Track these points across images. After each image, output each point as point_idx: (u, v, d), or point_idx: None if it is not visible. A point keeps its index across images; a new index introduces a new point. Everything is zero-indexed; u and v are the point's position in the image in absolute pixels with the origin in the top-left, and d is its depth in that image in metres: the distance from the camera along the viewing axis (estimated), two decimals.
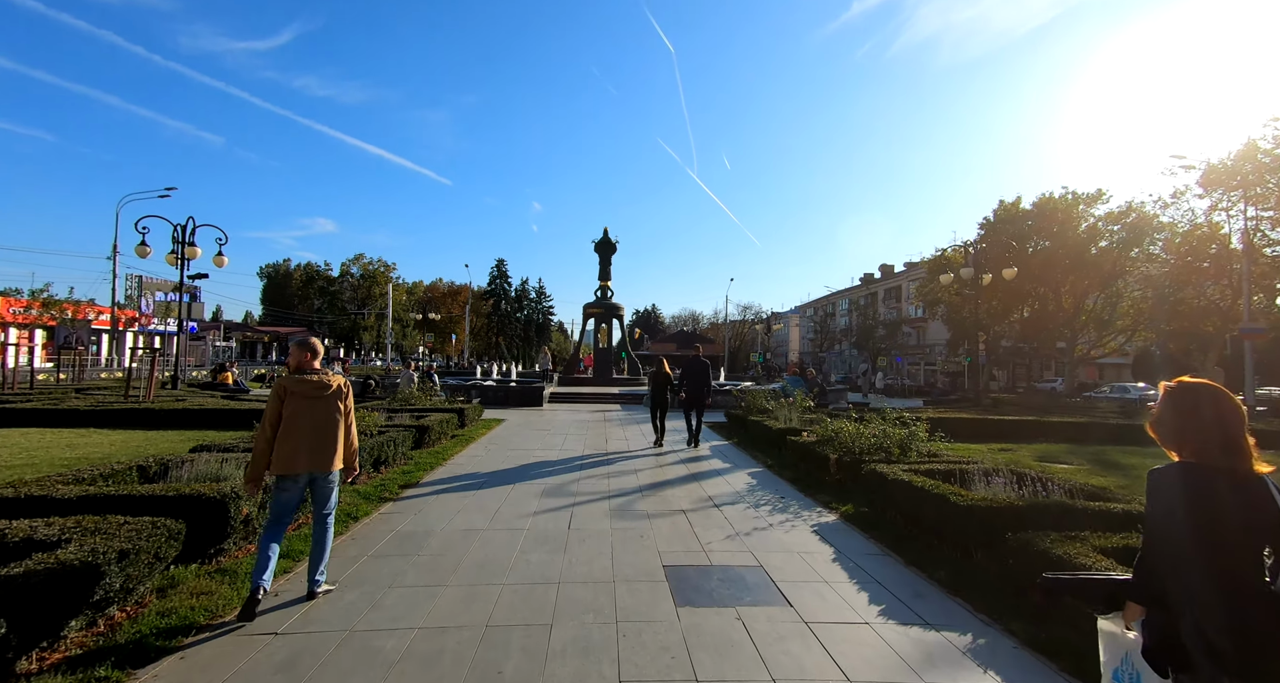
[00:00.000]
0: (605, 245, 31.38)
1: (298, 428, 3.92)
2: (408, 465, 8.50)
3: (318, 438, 3.96)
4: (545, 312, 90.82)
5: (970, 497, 4.97)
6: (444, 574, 4.47)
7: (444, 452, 9.78)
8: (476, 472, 8.46)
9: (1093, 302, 39.87)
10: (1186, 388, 1.93)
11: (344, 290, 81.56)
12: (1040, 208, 40.86)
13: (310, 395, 4.01)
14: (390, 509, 6.33)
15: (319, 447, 3.95)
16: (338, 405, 4.10)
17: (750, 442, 11.58)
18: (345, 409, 4.15)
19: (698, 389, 11.39)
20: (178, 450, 7.23)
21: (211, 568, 4.33)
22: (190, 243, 17.49)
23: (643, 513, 6.39)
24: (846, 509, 6.54)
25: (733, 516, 6.35)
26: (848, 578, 4.56)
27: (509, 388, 20.39)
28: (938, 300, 48.82)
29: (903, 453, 7.69)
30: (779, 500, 7.09)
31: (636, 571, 4.63)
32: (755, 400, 13.68)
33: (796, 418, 11.60)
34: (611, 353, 31.43)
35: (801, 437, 9.18)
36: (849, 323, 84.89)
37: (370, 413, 9.08)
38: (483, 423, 13.87)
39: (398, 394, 13.95)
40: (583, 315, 31.81)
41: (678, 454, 10.46)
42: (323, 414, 4.03)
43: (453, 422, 11.53)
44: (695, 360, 11.90)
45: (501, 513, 6.25)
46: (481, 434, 12.19)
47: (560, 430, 13.37)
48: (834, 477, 7.83)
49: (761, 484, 8.06)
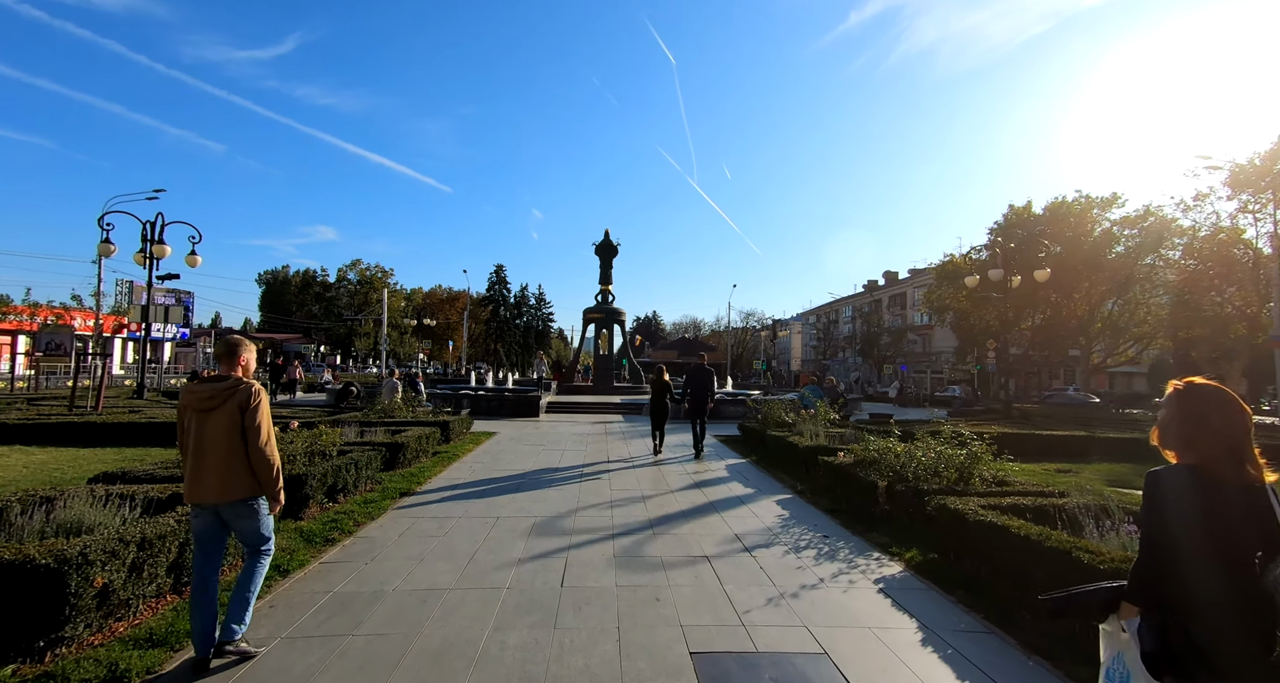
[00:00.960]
0: (606, 247, 30.13)
1: (185, 448, 3.29)
2: (373, 492, 7.17)
3: (200, 460, 3.22)
4: (545, 318, 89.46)
5: (1107, 555, 3.64)
6: (381, 673, 3.14)
7: (420, 473, 8.44)
8: (455, 499, 7.12)
9: (1108, 308, 38.70)
10: (1195, 390, 1.90)
11: (340, 296, 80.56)
12: (1053, 212, 39.74)
13: (198, 408, 3.27)
14: (335, 556, 4.99)
15: (202, 471, 3.21)
16: (231, 419, 3.25)
17: (771, 460, 10.24)
18: (247, 424, 3.26)
19: (701, 398, 11.02)
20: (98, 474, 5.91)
21: (33, 672, 2.97)
22: (159, 241, 16.21)
23: (655, 561, 5.06)
24: (912, 556, 5.20)
25: (770, 564, 5.01)
26: (955, 679, 3.23)
27: (503, 397, 19.06)
28: (946, 307, 47.65)
29: (961, 478, 6.39)
30: (822, 541, 5.75)
31: (654, 663, 3.29)
32: (773, 412, 12.34)
33: (823, 433, 10.27)
34: (612, 360, 30.10)
35: (837, 457, 7.84)
36: (853, 330, 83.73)
37: (333, 429, 7.76)
38: (471, 437, 12.52)
39: (375, 405, 12.57)
40: (582, 321, 30.52)
41: (689, 474, 9.13)
42: (210, 431, 3.23)
43: (434, 437, 10.19)
44: (699, 368, 11.51)
45: (477, 561, 4.92)
46: (468, 451, 10.84)
47: (556, 445, 12.04)
48: (882, 507, 6.51)
49: (796, 516, 6.72)
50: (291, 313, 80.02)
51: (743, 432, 13.14)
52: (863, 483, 6.79)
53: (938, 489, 5.92)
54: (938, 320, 53.48)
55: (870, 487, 6.65)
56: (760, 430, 11.64)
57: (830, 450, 8.53)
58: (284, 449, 6.18)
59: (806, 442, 9.39)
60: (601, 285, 30.31)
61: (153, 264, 16.38)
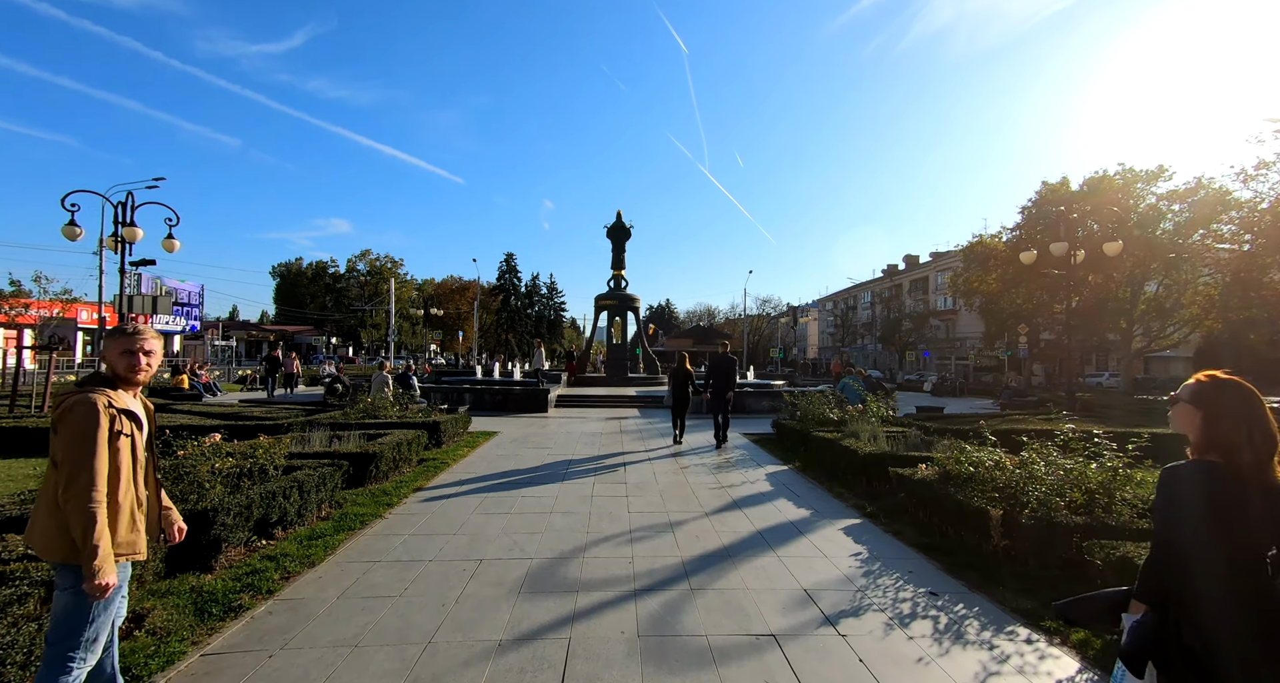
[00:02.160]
0: (619, 230, 28.35)
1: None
2: (324, 522, 5.60)
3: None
4: (557, 308, 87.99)
5: None
6: None
7: (395, 491, 6.87)
8: (427, 533, 5.53)
9: (1151, 289, 36.29)
10: (1217, 384, 1.82)
11: (350, 287, 79.75)
12: (1093, 188, 37.19)
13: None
14: (231, 640, 3.40)
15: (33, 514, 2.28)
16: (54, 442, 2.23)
17: (821, 468, 8.54)
18: (53, 453, 2.22)
19: (724, 387, 10.65)
20: None
21: None
22: (130, 223, 14.75)
23: (699, 645, 3.41)
24: (1083, 639, 3.49)
25: (872, 653, 3.34)
26: None
27: (509, 391, 17.48)
28: (975, 290, 45.38)
29: (1091, 503, 4.73)
30: (932, 603, 4.06)
31: None
32: (814, 408, 10.62)
33: (881, 435, 8.55)
34: (626, 350, 28.46)
35: (918, 471, 6.14)
36: (871, 316, 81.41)
37: (280, 438, 6.19)
38: (467, 440, 10.94)
39: (359, 403, 10.98)
40: (594, 308, 28.85)
41: (724, 487, 7.46)
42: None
43: (419, 443, 8.62)
44: (722, 357, 11.00)
45: (436, 650, 3.31)
46: (461, 457, 9.27)
47: (564, 447, 10.44)
48: (996, 544, 4.81)
49: (877, 554, 5.02)
50: (305, 305, 79.59)
51: (778, 431, 11.44)
52: (965, 509, 5.09)
53: (1093, 527, 4.23)
54: (966, 304, 51.23)
55: (977, 515, 4.94)
56: (801, 430, 9.94)
57: (903, 459, 6.83)
58: (189, 473, 4.61)
59: (866, 447, 7.67)
60: (614, 270, 28.60)
61: (124, 249, 14.94)
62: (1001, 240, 42.72)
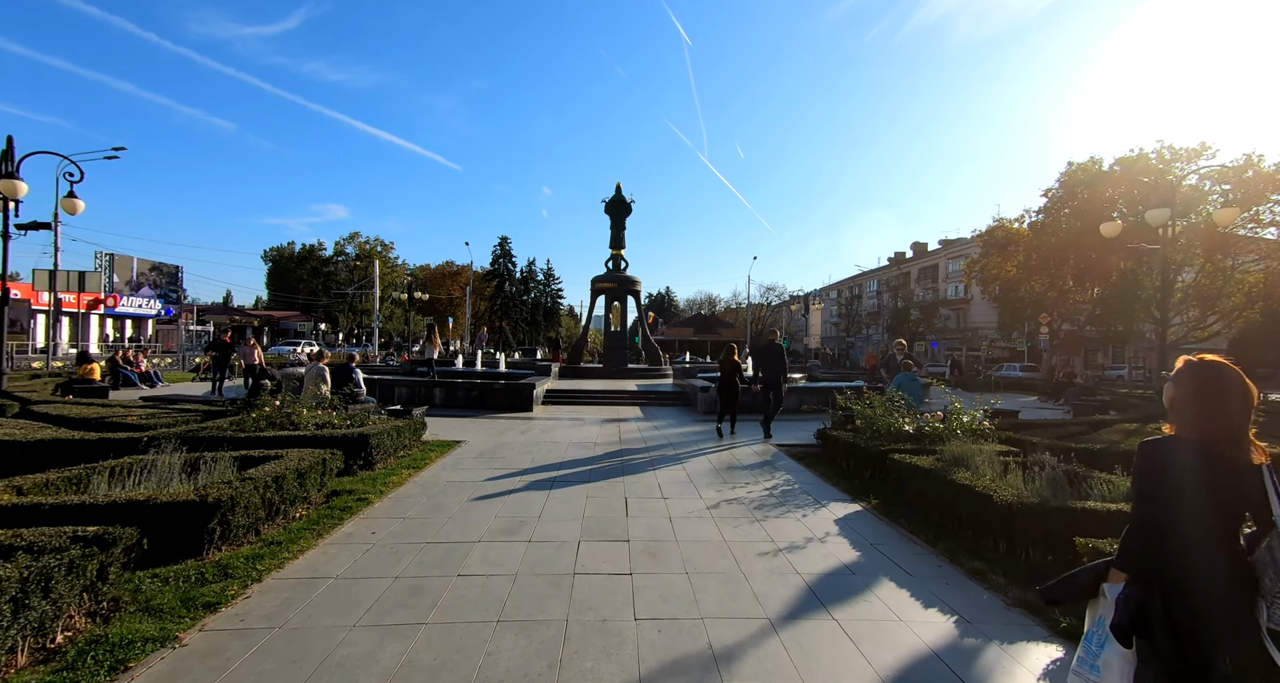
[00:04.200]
0: (618, 205, 25.46)
1: None
2: (76, 643, 2.89)
3: None
4: (555, 295, 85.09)
5: None
6: None
7: (242, 569, 4.13)
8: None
9: (1184, 276, 33.62)
10: (1192, 365, 1.91)
11: (339, 271, 76.83)
12: (1127, 168, 34.30)
13: None
14: None
15: None
16: None
17: (911, 509, 5.83)
18: None
19: (776, 377, 10.40)
20: None
21: None
22: (13, 175, 11.85)
23: None
24: None
25: None
26: None
27: (489, 387, 14.70)
28: (994, 277, 42.79)
29: None
30: None
31: None
32: (885, 418, 7.92)
33: (997, 462, 5.84)
34: (626, 337, 25.69)
35: None
36: (877, 305, 78.83)
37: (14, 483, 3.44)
38: (414, 456, 8.14)
39: (260, 404, 7.90)
40: (590, 292, 26.01)
41: (786, 545, 4.73)
42: None
43: (327, 470, 5.83)
44: (769, 345, 10.79)
45: None
46: (392, 487, 6.51)
47: (544, 464, 7.73)
48: None
49: None
50: (297, 290, 76.92)
51: (825, 443, 8.74)
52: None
53: None
54: (984, 292, 48.63)
55: None
56: (868, 449, 7.23)
57: (1094, 517, 4.11)
58: None
59: (1005, 491, 4.91)
60: (613, 250, 25.73)
61: (6, 209, 12.06)
62: (1024, 224, 40.08)
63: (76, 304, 44.21)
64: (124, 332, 51.74)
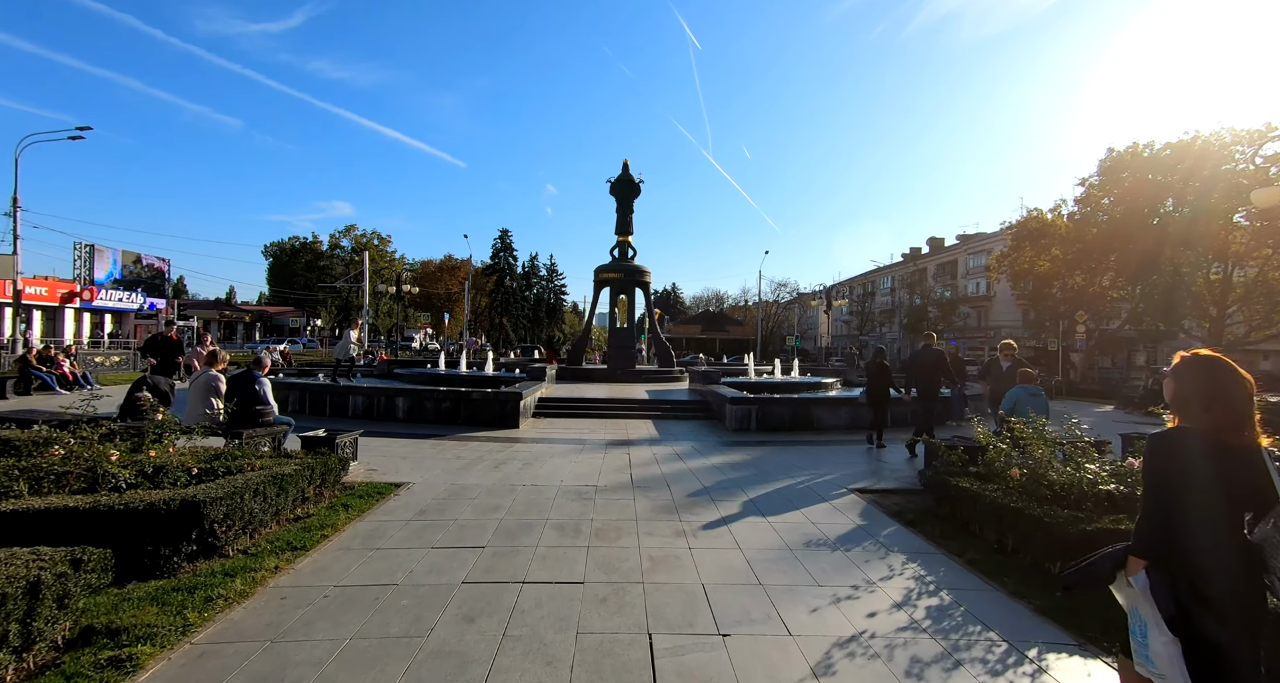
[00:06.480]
0: (625, 185, 22.48)
1: None
2: None
3: None
4: (558, 290, 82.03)
5: None
6: None
7: None
8: None
9: (1257, 270, 30.44)
10: (1187, 360, 2.00)
11: (335, 265, 74.26)
12: (1180, 153, 31.05)
13: None
14: None
15: None
16: None
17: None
18: None
19: (932, 388, 9.29)
20: None
21: None
22: None
23: None
24: None
25: None
26: None
27: (465, 396, 11.73)
28: (1026, 273, 39.67)
29: None
30: None
31: None
32: (1052, 466, 4.98)
33: None
34: (633, 334, 22.73)
35: None
36: (891, 303, 75.61)
37: None
38: (301, 528, 5.03)
39: (124, 430, 4.88)
40: (594, 283, 23.03)
41: None
42: None
43: (69, 590, 2.97)
44: (926, 349, 9.41)
45: None
46: (187, 634, 3.66)
47: (515, 532, 4.83)
48: None
49: None
50: (297, 286, 74.65)
51: (938, 493, 5.79)
52: None
53: None
54: (1014, 288, 45.52)
55: None
56: (1070, 530, 4.30)
57: None
58: None
59: None
60: (619, 236, 22.75)
61: None
62: (1060, 215, 36.94)
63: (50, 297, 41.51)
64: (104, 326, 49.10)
